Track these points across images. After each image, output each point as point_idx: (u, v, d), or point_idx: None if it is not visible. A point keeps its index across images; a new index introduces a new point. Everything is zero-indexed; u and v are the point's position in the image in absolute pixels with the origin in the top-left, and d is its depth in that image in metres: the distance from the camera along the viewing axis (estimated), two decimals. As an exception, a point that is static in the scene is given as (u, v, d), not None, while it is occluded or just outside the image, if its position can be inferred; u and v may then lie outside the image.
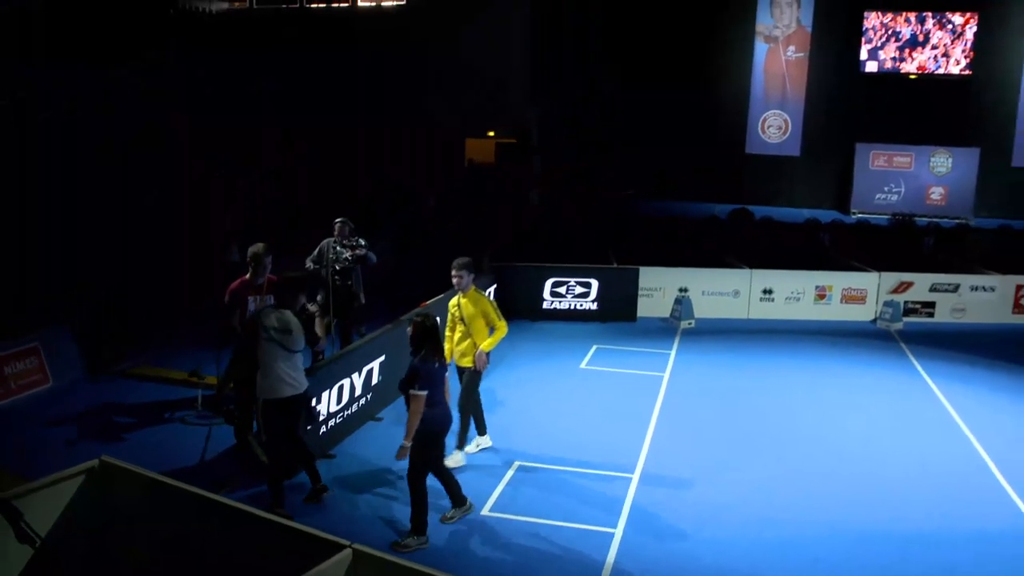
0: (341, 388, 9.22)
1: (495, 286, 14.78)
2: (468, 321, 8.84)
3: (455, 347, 8.96)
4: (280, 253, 9.21)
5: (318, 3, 37.59)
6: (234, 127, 21.88)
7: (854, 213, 30.90)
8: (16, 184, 14.42)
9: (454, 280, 8.84)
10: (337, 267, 10.44)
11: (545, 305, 15.25)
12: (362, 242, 10.74)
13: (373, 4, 37.05)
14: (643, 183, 34.07)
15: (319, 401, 8.72)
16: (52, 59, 19.04)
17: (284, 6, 37.43)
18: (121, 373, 11.62)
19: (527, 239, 21.41)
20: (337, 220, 11.10)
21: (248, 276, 8.52)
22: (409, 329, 7.43)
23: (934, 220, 22.49)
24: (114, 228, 14.12)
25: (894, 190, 31.35)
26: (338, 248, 10.50)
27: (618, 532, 7.55)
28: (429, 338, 7.30)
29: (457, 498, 7.68)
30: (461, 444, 8.95)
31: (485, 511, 7.87)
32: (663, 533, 7.61)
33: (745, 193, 32.81)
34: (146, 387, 11.13)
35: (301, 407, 7.77)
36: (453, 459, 8.63)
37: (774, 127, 33.70)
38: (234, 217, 13.15)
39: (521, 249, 18.46)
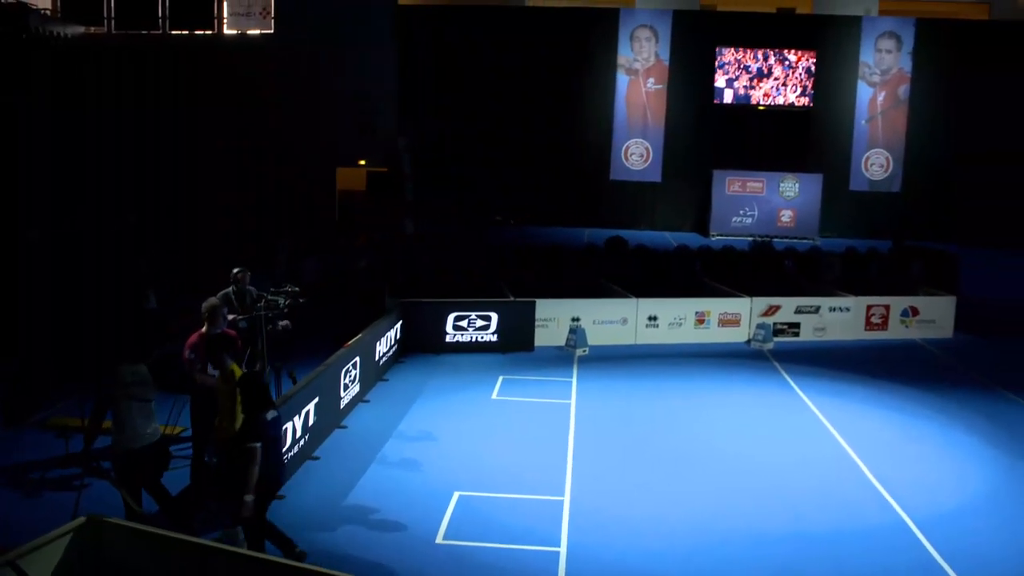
0: (286, 431, 9.70)
1: (400, 322, 15.43)
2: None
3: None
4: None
5: (180, 30, 36.96)
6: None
7: (713, 235, 33.09)
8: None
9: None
10: (270, 315, 10.88)
11: (448, 338, 16.00)
12: (296, 288, 11.22)
13: (238, 32, 36.77)
14: (512, 209, 35.37)
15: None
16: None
17: (145, 32, 36.63)
18: (40, 424, 11.60)
19: (408, 270, 21.95)
20: (236, 270, 11.39)
21: (204, 329, 8.92)
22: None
23: (790, 244, 24.56)
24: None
25: (748, 213, 33.79)
26: (268, 296, 10.95)
27: (562, 551, 8.42)
28: (253, 391, 7.50)
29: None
30: None
31: (439, 539, 8.58)
32: (602, 548, 8.54)
33: (610, 217, 34.78)
34: (72, 438, 11.14)
35: (157, 456, 8.09)
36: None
37: (636, 155, 35.63)
38: (148, 261, 13.26)
39: (407, 281, 18.96)
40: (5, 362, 11.85)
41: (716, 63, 34.63)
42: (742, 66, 34.70)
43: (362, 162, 36.25)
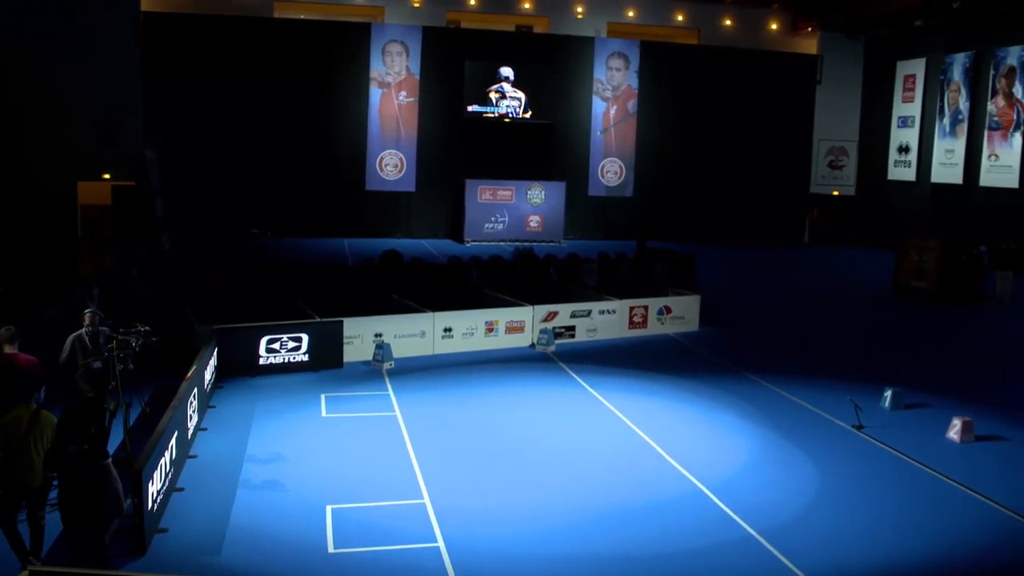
0: (161, 467, 10.20)
1: (216, 348, 15.82)
2: None
3: None
4: None
5: None
6: None
7: (468, 242, 35.24)
8: None
9: None
10: (122, 355, 11.18)
11: (262, 361, 16.58)
12: (147, 328, 11.55)
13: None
14: (268, 222, 35.57)
15: (153, 481, 9.70)
16: None
17: None
18: None
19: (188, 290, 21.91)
20: (87, 311, 11.78)
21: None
22: None
23: (549, 251, 27.00)
24: None
25: (500, 220, 36.32)
26: (120, 337, 11.25)
27: (441, 545, 9.75)
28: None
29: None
30: None
31: (331, 549, 9.60)
32: (473, 538, 9.97)
33: (367, 227, 36.14)
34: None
35: None
36: None
37: (391, 165, 37.03)
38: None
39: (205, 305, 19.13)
40: None
41: (464, 77, 36.76)
42: (488, 80, 37.11)
43: (106, 176, 34.70)
